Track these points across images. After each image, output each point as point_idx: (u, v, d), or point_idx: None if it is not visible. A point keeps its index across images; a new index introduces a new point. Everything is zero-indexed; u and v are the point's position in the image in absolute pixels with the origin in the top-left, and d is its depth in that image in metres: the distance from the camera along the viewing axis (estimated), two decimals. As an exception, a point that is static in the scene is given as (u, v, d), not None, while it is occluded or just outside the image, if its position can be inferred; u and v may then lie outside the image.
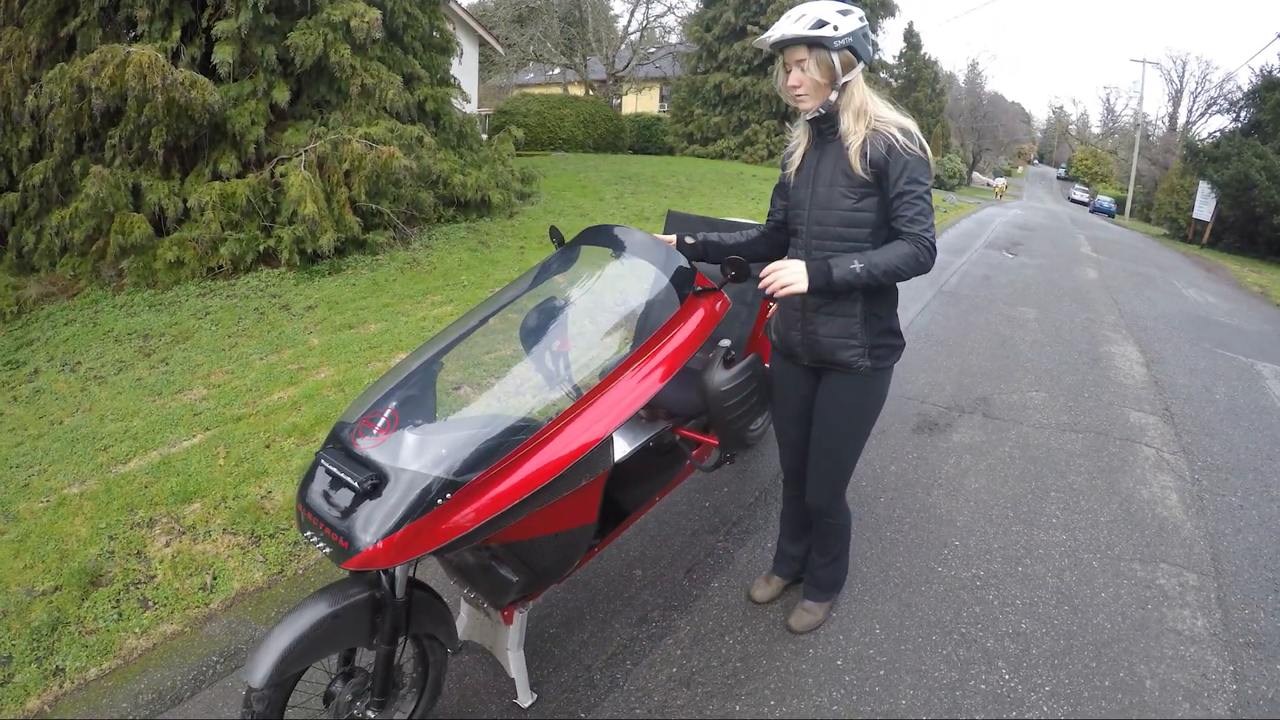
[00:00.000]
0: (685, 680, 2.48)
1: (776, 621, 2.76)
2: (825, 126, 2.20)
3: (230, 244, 7.05)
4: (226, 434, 4.10)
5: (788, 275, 2.04)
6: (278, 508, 3.37)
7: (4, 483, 3.87)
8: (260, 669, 1.66)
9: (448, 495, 1.66)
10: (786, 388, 2.51)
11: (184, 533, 3.22)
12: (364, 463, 1.72)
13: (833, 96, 2.12)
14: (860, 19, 2.10)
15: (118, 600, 2.84)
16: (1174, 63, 51.88)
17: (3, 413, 4.88)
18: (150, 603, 2.84)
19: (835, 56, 2.07)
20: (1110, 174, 55.98)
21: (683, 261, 2.20)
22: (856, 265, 2.04)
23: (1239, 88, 27.61)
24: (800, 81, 2.13)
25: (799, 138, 2.33)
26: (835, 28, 2.05)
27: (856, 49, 2.10)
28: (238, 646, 2.63)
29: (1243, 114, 24.01)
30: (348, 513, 1.67)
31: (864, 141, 2.10)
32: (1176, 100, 49.54)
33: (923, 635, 2.73)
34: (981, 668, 2.59)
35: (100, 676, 2.53)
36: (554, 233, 2.56)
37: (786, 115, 29.59)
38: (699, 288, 2.18)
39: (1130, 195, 40.17)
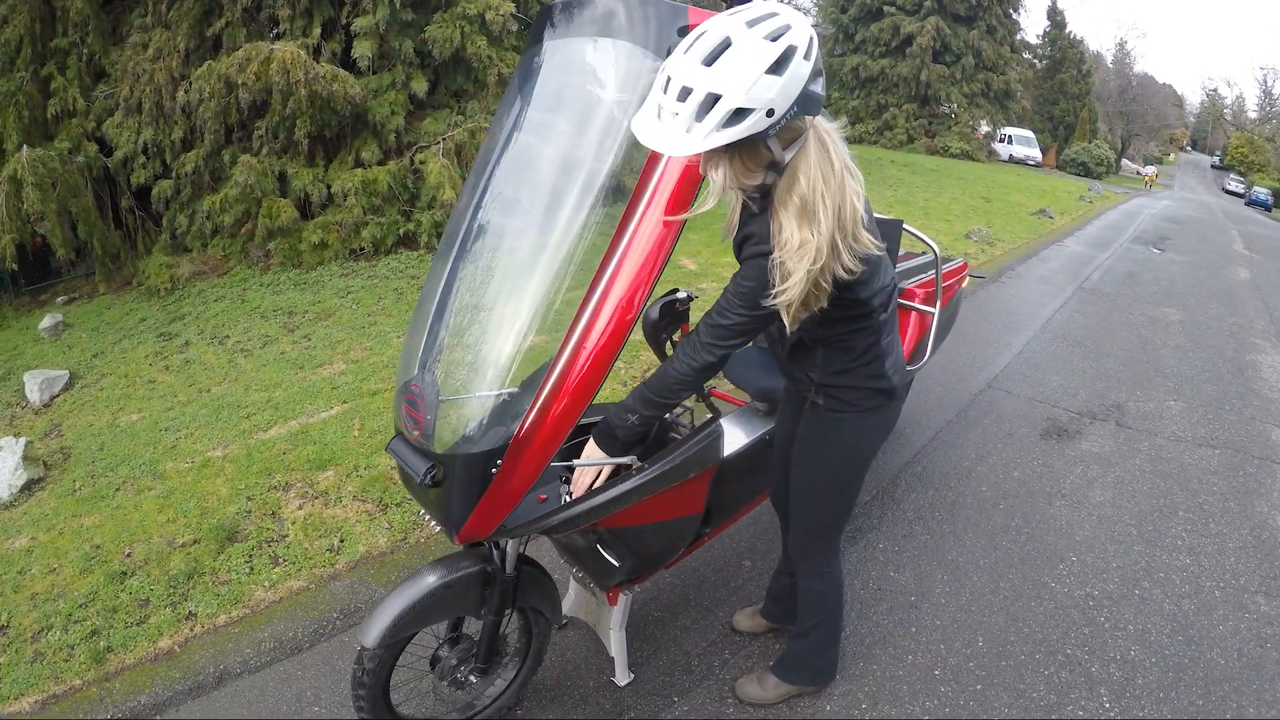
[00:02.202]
0: (780, 675, 2.49)
1: (880, 624, 2.73)
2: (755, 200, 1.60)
3: (372, 227, 7.49)
4: (362, 407, 4.35)
5: (592, 467, 1.78)
6: (406, 479, 3.57)
7: (154, 444, 4.27)
8: (374, 631, 1.78)
9: (498, 462, 1.66)
10: (786, 403, 2.23)
11: (317, 497, 3.47)
12: (421, 451, 1.74)
13: (768, 180, 1.51)
14: (806, 53, 1.31)
15: (250, 556, 3.10)
16: (1334, 41, 46.44)
17: (155, 380, 5.37)
18: (280, 560, 3.08)
19: (773, 142, 1.42)
20: (1267, 163, 51.04)
21: (683, 19, 1.55)
22: (631, 418, 1.72)
23: None
24: (726, 178, 1.51)
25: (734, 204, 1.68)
26: (771, 110, 1.29)
27: (804, 108, 1.35)
28: (357, 605, 2.82)
29: None
30: (433, 500, 1.77)
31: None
32: (1337, 83, 44.64)
33: (1026, 653, 2.63)
34: (1083, 693, 2.48)
35: (229, 623, 2.77)
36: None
37: (926, 99, 28.71)
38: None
39: (1289, 187, 36.63)
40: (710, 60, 1.28)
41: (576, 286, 1.64)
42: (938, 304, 3.17)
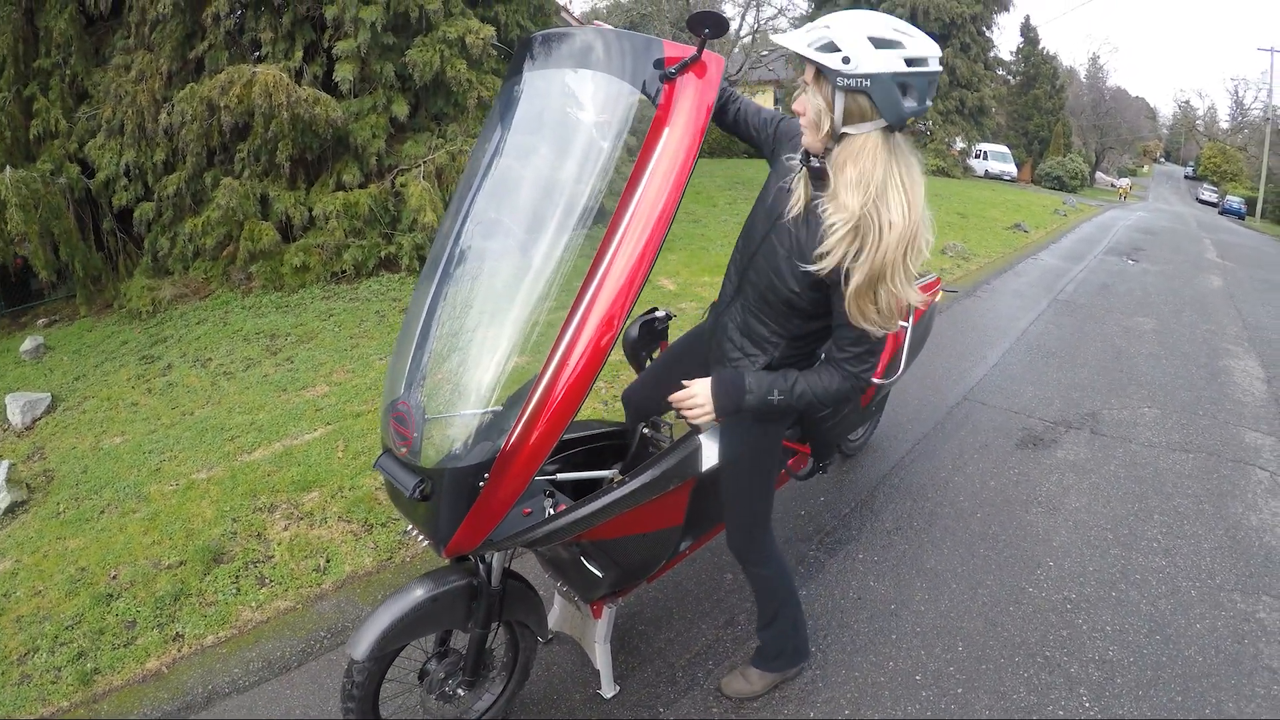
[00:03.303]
0: (763, 684, 2.52)
1: (861, 632, 2.77)
2: (816, 179, 1.68)
3: (353, 250, 7.51)
4: (346, 429, 4.37)
5: (695, 406, 1.82)
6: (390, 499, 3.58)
7: (138, 467, 4.26)
8: (363, 643, 1.82)
9: (485, 475, 1.69)
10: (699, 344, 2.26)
11: (302, 518, 3.48)
12: (409, 466, 1.78)
13: (830, 144, 1.62)
14: (909, 60, 1.50)
15: (237, 576, 3.11)
16: (1303, 50, 47.11)
17: (138, 403, 5.35)
18: (267, 580, 3.09)
19: (840, 97, 1.54)
20: (1240, 172, 51.86)
21: (658, 52, 1.65)
22: (775, 396, 1.77)
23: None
24: (804, 108, 1.63)
25: (798, 176, 1.75)
26: (847, 59, 1.49)
27: (877, 98, 1.51)
28: (344, 624, 2.83)
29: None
30: (421, 514, 1.81)
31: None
32: (1308, 91, 45.38)
33: (1005, 656, 2.68)
34: (1062, 693, 2.53)
35: (216, 644, 2.78)
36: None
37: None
38: (670, 69, 1.62)
39: (1261, 195, 37.25)
40: (852, 19, 1.54)
41: (558, 308, 1.67)
42: (910, 319, 3.23)
